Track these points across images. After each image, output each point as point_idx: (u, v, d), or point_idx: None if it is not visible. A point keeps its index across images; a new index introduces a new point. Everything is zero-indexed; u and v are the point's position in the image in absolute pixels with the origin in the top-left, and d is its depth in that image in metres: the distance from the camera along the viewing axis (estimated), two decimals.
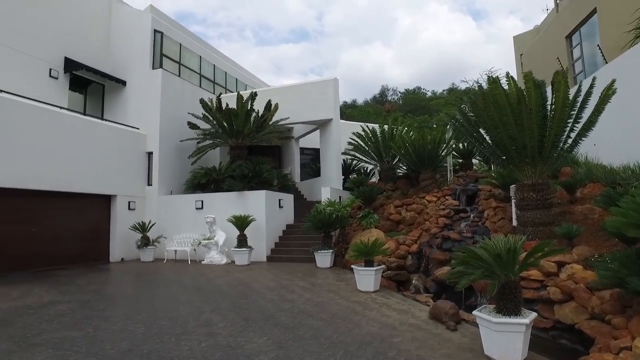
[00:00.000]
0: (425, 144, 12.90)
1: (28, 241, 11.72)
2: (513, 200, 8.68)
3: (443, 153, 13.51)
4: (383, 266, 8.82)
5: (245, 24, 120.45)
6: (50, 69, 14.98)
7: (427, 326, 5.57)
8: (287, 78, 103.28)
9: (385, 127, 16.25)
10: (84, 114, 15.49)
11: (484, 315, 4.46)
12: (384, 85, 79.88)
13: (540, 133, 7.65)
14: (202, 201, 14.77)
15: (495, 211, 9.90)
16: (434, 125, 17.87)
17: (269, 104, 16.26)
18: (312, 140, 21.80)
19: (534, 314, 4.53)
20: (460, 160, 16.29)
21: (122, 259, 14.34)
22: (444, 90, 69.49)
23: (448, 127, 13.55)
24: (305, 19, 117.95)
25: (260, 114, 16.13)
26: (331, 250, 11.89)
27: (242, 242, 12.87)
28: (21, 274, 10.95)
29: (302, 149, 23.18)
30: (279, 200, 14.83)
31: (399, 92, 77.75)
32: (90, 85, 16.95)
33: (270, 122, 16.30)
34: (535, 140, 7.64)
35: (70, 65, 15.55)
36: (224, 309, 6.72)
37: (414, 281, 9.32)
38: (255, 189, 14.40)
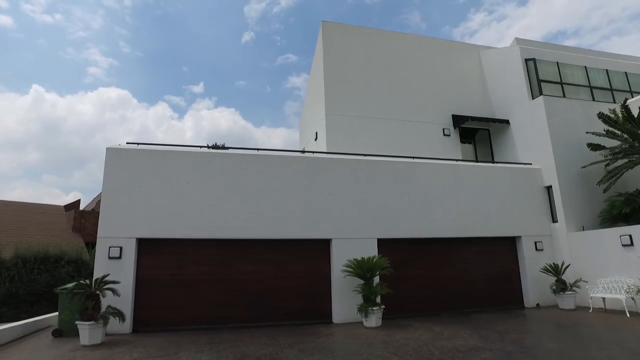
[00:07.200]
0: None
1: (449, 284, 12.89)
2: None
3: None
4: None
5: (635, 9, 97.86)
6: (443, 129, 17.21)
7: None
8: None
9: None
10: (476, 161, 16.44)
11: None
12: None
13: None
14: (629, 235, 11.78)
15: None
16: None
17: None
18: None
19: None
20: None
21: (538, 304, 13.27)
22: None
23: None
24: None
25: None
26: None
27: None
28: (447, 314, 12.01)
29: None
30: None
31: None
32: (477, 134, 18.00)
33: None
34: None
35: (457, 120, 17.24)
36: None
37: None
38: None
